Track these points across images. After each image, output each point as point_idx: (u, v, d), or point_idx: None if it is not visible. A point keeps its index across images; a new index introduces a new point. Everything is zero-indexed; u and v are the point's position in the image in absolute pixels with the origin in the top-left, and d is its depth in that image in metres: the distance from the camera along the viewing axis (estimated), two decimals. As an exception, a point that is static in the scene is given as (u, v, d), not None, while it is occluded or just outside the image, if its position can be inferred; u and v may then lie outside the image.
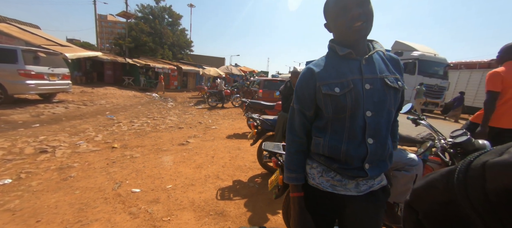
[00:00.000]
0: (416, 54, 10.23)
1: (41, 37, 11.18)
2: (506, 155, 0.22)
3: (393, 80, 0.76)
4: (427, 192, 0.29)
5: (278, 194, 1.68)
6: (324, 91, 0.75)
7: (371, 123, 0.73)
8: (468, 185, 0.24)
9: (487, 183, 0.22)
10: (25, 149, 3.25)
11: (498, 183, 0.21)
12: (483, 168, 0.23)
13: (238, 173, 2.93)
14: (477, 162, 0.24)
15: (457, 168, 0.26)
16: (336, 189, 0.78)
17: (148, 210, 2.00)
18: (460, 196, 0.24)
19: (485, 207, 0.22)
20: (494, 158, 0.22)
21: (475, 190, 0.23)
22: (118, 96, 10.15)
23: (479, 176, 0.23)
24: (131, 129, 4.97)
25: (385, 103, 0.74)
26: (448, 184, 0.26)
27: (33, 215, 1.85)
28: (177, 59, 21.45)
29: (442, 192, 0.27)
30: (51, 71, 6.62)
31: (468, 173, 0.24)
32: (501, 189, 0.21)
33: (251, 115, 3.21)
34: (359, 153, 0.73)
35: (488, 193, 0.22)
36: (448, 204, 0.26)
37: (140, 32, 19.72)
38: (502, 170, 0.21)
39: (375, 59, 0.77)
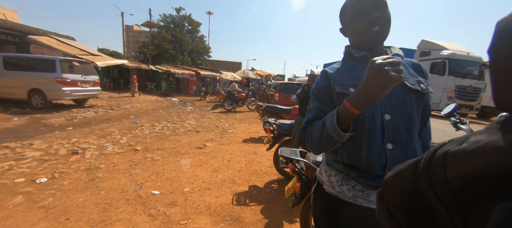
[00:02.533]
0: (446, 53, 9.45)
1: (76, 48, 12.29)
2: (465, 144, 0.23)
3: (414, 82, 0.71)
4: (396, 182, 0.30)
5: (295, 202, 1.61)
6: (338, 90, 0.73)
7: (389, 127, 0.68)
8: (431, 173, 0.25)
9: (447, 171, 0.23)
10: (59, 150, 3.54)
11: (456, 170, 0.23)
12: (444, 157, 0.24)
13: (254, 178, 2.90)
14: (440, 151, 0.25)
15: (423, 157, 0.26)
16: (358, 200, 0.72)
17: (166, 213, 2.05)
18: (424, 184, 0.25)
19: (446, 194, 0.23)
20: (454, 147, 0.24)
21: (437, 178, 0.24)
22: (141, 101, 10.75)
23: (441, 164, 0.24)
24: (152, 132, 5.20)
25: (404, 106, 0.69)
26: (414, 173, 0.27)
27: (63, 213, 1.98)
28: (196, 65, 22.25)
29: (409, 181, 0.27)
30: (83, 78, 7.22)
31: (432, 162, 0.25)
32: (459, 176, 0.22)
33: (267, 119, 3.17)
34: (380, 160, 0.68)
35: (449, 181, 0.23)
36: (414, 193, 0.27)
37: (162, 40, 20.82)
38: (460, 158, 0.22)
39: None
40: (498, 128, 0.21)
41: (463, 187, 0.22)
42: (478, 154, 0.21)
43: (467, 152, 0.22)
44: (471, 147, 0.22)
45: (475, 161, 0.21)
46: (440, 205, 0.24)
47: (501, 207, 0.19)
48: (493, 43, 0.22)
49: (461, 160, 0.22)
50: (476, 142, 0.22)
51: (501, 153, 0.19)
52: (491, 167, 0.20)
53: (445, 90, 9.00)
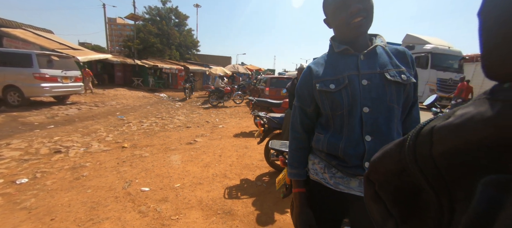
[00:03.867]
0: (429, 48, 9.84)
1: (55, 42, 11.58)
2: (451, 118, 0.22)
3: (395, 74, 0.71)
4: (382, 162, 0.29)
5: (286, 193, 1.65)
6: (319, 88, 0.74)
7: (367, 119, 0.69)
8: (417, 151, 0.24)
9: (433, 147, 0.22)
10: (40, 149, 3.38)
11: (442, 146, 0.22)
12: (431, 133, 0.23)
13: (245, 171, 2.92)
14: (426, 127, 0.24)
15: (409, 135, 0.26)
16: (339, 187, 0.75)
17: (157, 209, 2.02)
18: (410, 162, 0.24)
19: (432, 171, 0.23)
20: (441, 122, 0.23)
21: (423, 155, 0.23)
22: (128, 97, 10.39)
23: (427, 141, 0.23)
24: (140, 128, 5.06)
25: (384, 99, 0.69)
26: (400, 152, 0.26)
27: (47, 213, 1.91)
28: (184, 59, 21.71)
29: (396, 161, 0.27)
30: (64, 74, 6.85)
31: (418, 139, 0.24)
32: (445, 151, 0.21)
33: (258, 113, 3.18)
34: (357, 151, 0.70)
35: (434, 158, 0.22)
36: (401, 173, 0.26)
37: (148, 34, 20.07)
38: (446, 133, 0.21)
39: (376, 53, 0.73)
40: (485, 97, 0.20)
41: (449, 163, 0.21)
42: (465, 126, 0.20)
43: (454, 125, 0.21)
44: (457, 120, 0.21)
45: (461, 135, 0.20)
46: (426, 183, 0.23)
47: (486, 180, 0.18)
48: (483, 5, 0.21)
49: (447, 134, 0.21)
50: (463, 114, 0.21)
51: (488, 124, 0.18)
52: (478, 140, 0.19)
53: (427, 83, 9.40)
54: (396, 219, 0.28)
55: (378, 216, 0.30)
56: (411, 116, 0.81)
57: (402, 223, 0.27)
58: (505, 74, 0.19)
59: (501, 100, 0.18)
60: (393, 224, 0.28)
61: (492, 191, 0.17)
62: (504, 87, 0.19)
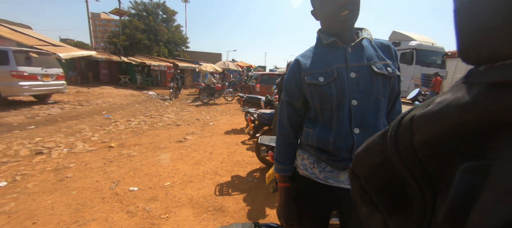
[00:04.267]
0: (414, 44, 10.17)
1: (33, 38, 10.95)
2: (430, 105, 0.21)
3: (382, 66, 0.72)
4: (366, 155, 0.28)
5: (276, 188, 1.67)
6: (308, 81, 0.74)
7: (356, 112, 0.70)
8: (398, 141, 0.23)
9: (414, 136, 0.22)
10: (20, 151, 3.21)
11: (422, 135, 0.21)
12: (411, 122, 0.23)
13: (236, 168, 2.92)
14: (407, 117, 0.23)
15: (391, 125, 0.25)
16: (328, 181, 0.76)
17: (146, 208, 1.99)
18: (392, 154, 0.24)
19: (414, 162, 0.22)
20: (420, 110, 0.22)
21: (404, 146, 0.23)
22: (114, 95, 10.05)
23: (407, 130, 0.23)
24: (128, 127, 4.92)
25: (371, 91, 0.71)
26: (383, 144, 0.25)
27: (29, 217, 1.82)
28: (173, 56, 21.21)
29: (378, 153, 0.26)
30: (44, 72, 6.51)
31: (399, 129, 0.24)
32: (425, 140, 0.21)
33: (248, 109, 3.18)
34: (347, 143, 0.71)
35: (415, 147, 0.22)
36: (384, 165, 0.26)
37: (134, 30, 19.39)
38: (425, 121, 0.21)
39: (363, 46, 0.74)
40: (462, 82, 0.20)
41: (429, 152, 0.21)
42: (443, 114, 0.20)
43: (432, 113, 0.20)
44: (436, 107, 0.20)
45: (439, 122, 0.20)
46: (408, 174, 0.23)
47: (464, 167, 0.18)
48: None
49: (426, 122, 0.21)
50: (441, 101, 0.20)
51: (465, 110, 0.18)
52: (456, 126, 0.18)
53: (412, 78, 9.73)
54: (382, 213, 0.27)
55: (365, 210, 0.30)
56: (394, 108, 0.82)
57: (388, 217, 0.27)
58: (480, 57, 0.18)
59: (477, 83, 0.18)
60: (380, 218, 0.28)
61: (469, 178, 0.17)
62: (480, 70, 0.18)
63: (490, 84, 0.16)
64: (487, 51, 0.17)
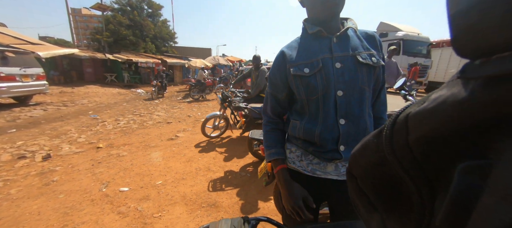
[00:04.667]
0: (400, 35, 10.39)
1: (9, 36, 10.28)
2: (426, 102, 0.20)
3: (366, 56, 0.72)
4: (362, 154, 0.28)
5: (268, 181, 1.68)
6: (294, 72, 0.73)
7: (341, 103, 0.71)
8: (394, 140, 0.23)
9: (409, 135, 0.21)
10: (1, 156, 3.06)
11: (417, 133, 0.20)
12: (406, 120, 0.22)
13: (229, 163, 2.92)
14: (402, 115, 0.22)
15: (386, 124, 0.24)
16: (316, 173, 0.77)
17: (138, 208, 1.96)
18: (387, 153, 0.23)
19: (410, 161, 0.21)
20: (416, 108, 0.21)
21: (400, 144, 0.22)
22: (101, 94, 9.71)
23: (403, 128, 0.22)
24: (116, 127, 4.79)
25: (356, 81, 0.71)
26: (378, 143, 0.25)
27: (14, 224, 1.76)
28: (161, 53, 20.65)
29: (374, 152, 0.25)
30: (23, 72, 6.17)
31: (394, 127, 0.23)
32: (420, 138, 0.20)
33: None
34: (333, 134, 0.72)
35: (410, 146, 0.21)
36: (380, 165, 0.25)
37: (119, 25, 18.64)
38: (420, 119, 0.20)
39: (348, 36, 0.74)
40: (458, 77, 0.19)
41: (425, 151, 0.20)
42: (438, 111, 0.19)
43: (427, 111, 0.20)
44: (431, 104, 0.20)
45: (435, 120, 0.19)
46: (405, 174, 0.22)
47: (463, 167, 0.17)
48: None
49: (421, 120, 0.20)
50: (436, 98, 0.19)
51: (462, 106, 0.17)
52: (453, 124, 0.18)
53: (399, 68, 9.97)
54: (381, 213, 0.27)
55: (363, 210, 0.30)
56: (380, 98, 0.83)
57: (387, 217, 0.26)
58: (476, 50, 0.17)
59: (474, 78, 0.17)
60: (379, 218, 0.27)
61: (468, 178, 0.17)
62: (475, 64, 0.17)
63: (487, 78, 0.16)
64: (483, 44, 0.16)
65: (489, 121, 0.15)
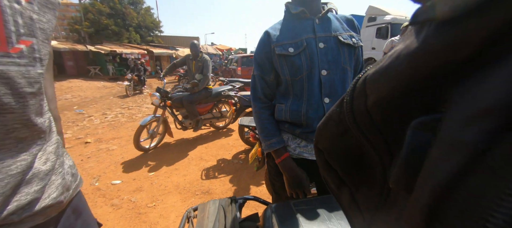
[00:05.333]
0: (389, 18, 10.47)
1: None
2: (382, 61, 0.19)
3: (347, 37, 0.75)
4: (326, 126, 0.27)
5: (259, 166, 1.74)
6: (278, 52, 0.74)
7: (326, 81, 0.73)
8: (354, 106, 0.21)
9: (367, 98, 0.20)
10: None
11: (374, 95, 0.19)
12: (364, 83, 0.20)
13: (221, 152, 2.96)
14: (361, 78, 0.21)
15: (347, 91, 0.23)
16: (303, 155, 0.81)
17: (132, 199, 1.98)
18: (349, 121, 0.22)
19: (370, 127, 0.20)
20: (373, 69, 0.20)
21: (360, 110, 0.21)
22: (85, 88, 9.34)
23: (361, 93, 0.21)
24: (104, 121, 4.67)
25: (339, 61, 0.74)
26: (340, 112, 0.23)
27: (3, 223, 1.73)
28: (147, 42, 19.83)
29: (337, 122, 0.24)
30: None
31: (354, 93, 0.22)
32: (377, 101, 0.19)
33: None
34: (318, 113, 0.75)
35: (369, 110, 0.20)
36: (343, 135, 0.24)
37: (99, 14, 17.57)
38: (376, 79, 0.19)
39: (329, 18, 0.76)
40: (410, 26, 0.17)
41: (383, 114, 0.19)
42: (392, 67, 0.17)
43: (383, 69, 0.18)
44: (386, 62, 0.18)
45: (390, 78, 0.18)
46: (366, 142, 0.21)
47: (414, 123, 0.16)
48: None
49: (378, 81, 0.19)
50: (391, 54, 0.18)
51: (415, 56, 0.15)
52: (407, 79, 0.16)
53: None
54: (349, 186, 0.26)
55: (332, 185, 0.29)
56: None
57: (355, 190, 0.26)
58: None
59: (426, 21, 0.15)
60: (348, 192, 0.27)
61: (419, 134, 0.16)
62: (427, 5, 0.15)
63: (439, 20, 0.14)
64: None
65: (443, 69, 0.14)
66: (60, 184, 0.44)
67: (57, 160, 0.44)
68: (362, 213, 0.25)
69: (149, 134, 2.93)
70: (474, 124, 0.11)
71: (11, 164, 0.35)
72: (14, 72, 0.31)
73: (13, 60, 0.31)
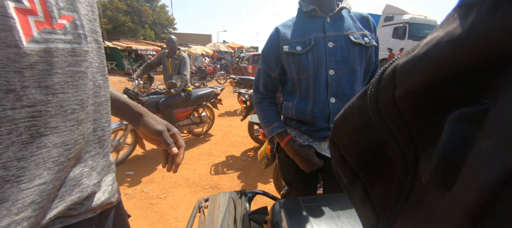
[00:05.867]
0: (407, 18, 10.06)
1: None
2: (417, 49, 0.17)
3: (359, 36, 0.74)
4: (345, 120, 0.26)
5: (268, 163, 1.74)
6: (286, 50, 0.75)
7: (333, 81, 0.73)
8: (379, 97, 0.20)
9: (396, 90, 0.18)
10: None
11: (405, 86, 0.18)
12: (393, 73, 0.19)
13: (230, 148, 2.99)
14: (389, 68, 0.20)
15: (372, 82, 0.22)
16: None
17: (144, 190, 2.05)
18: (372, 113, 0.21)
19: (395, 120, 0.19)
20: (405, 58, 0.18)
21: (386, 102, 0.20)
22: (102, 82, 9.72)
23: (389, 83, 0.19)
24: (119, 114, 4.85)
25: (348, 61, 0.73)
26: (362, 104, 0.22)
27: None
28: (161, 39, 20.38)
29: (358, 114, 0.23)
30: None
31: (380, 83, 0.20)
32: (409, 92, 0.18)
33: (239, 90, 3.17)
34: (324, 112, 0.74)
35: (397, 102, 0.19)
36: (364, 128, 0.23)
37: (116, 12, 18.28)
38: (410, 68, 0.17)
39: (342, 16, 0.75)
40: (455, 12, 0.16)
41: (413, 106, 0.18)
42: (431, 55, 0.16)
43: (418, 57, 0.17)
44: (422, 50, 0.17)
45: (426, 67, 0.16)
46: (390, 135, 0.20)
47: (454, 116, 0.15)
48: None
49: (410, 70, 0.17)
50: (429, 41, 0.16)
51: (459, 43, 0.14)
52: (447, 68, 0.15)
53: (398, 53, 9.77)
54: (364, 182, 0.26)
55: (345, 180, 0.28)
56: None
57: (370, 185, 0.25)
58: None
59: (476, 4, 0.13)
60: (361, 187, 0.26)
61: (460, 128, 0.15)
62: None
63: (492, 1, 0.12)
64: None
65: (493, 56, 0.13)
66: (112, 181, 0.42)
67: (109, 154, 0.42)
68: (375, 209, 0.25)
69: (113, 146, 2.30)
70: None
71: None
72: (61, 51, 0.30)
73: (59, 37, 0.30)
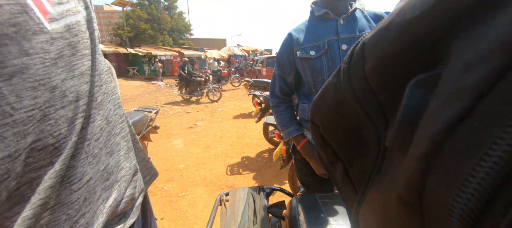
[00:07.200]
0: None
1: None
2: (382, 22, 0.18)
3: None
4: (322, 98, 0.26)
5: (283, 164, 1.76)
6: (300, 55, 0.76)
7: None
8: (351, 73, 0.20)
9: (365, 63, 0.19)
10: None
11: (373, 59, 0.18)
12: (362, 48, 0.19)
13: (246, 150, 3.04)
14: (359, 43, 0.20)
15: (345, 58, 0.22)
16: None
17: (164, 188, 2.16)
18: (346, 90, 0.21)
19: (366, 94, 0.19)
20: (373, 31, 0.19)
21: (357, 77, 0.20)
22: (125, 87, 10.34)
23: (360, 58, 0.19)
24: (141, 117, 5.13)
25: None
26: (337, 82, 0.22)
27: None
28: (178, 45, 21.21)
29: (333, 92, 0.23)
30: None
31: (352, 60, 0.20)
32: (376, 65, 0.18)
33: (254, 92, 3.23)
34: None
35: (367, 76, 0.19)
36: (339, 106, 0.23)
37: (138, 20, 19.39)
38: (376, 41, 0.18)
39: (356, 17, 0.74)
40: None
41: (381, 79, 0.18)
42: (393, 26, 0.16)
43: (383, 30, 0.17)
44: (386, 22, 0.17)
45: (390, 38, 0.16)
46: (362, 111, 0.20)
47: (413, 82, 0.15)
48: None
49: (376, 43, 0.18)
50: (392, 13, 0.17)
51: (419, 10, 0.14)
52: (408, 37, 0.15)
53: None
54: (343, 161, 0.26)
55: (327, 161, 0.28)
56: None
57: (349, 166, 0.25)
58: None
59: None
60: (342, 168, 0.26)
61: (417, 92, 0.15)
62: None
63: None
64: None
65: (446, 18, 0.13)
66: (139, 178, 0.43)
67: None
68: (354, 187, 0.25)
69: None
70: (473, 69, 0.11)
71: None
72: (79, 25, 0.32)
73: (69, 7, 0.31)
